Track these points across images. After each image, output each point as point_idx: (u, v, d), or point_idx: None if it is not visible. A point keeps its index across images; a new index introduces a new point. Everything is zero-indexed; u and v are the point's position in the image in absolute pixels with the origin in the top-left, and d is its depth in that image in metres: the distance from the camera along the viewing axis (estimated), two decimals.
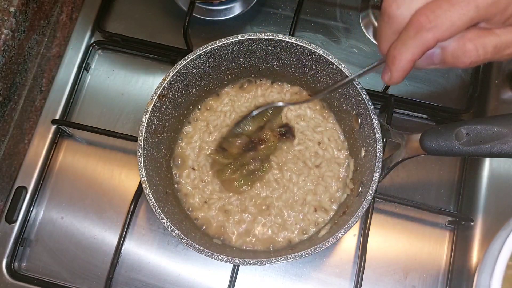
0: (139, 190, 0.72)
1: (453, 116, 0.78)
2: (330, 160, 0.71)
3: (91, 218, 0.76)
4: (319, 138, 0.72)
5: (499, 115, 0.54)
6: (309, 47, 0.64)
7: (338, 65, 0.63)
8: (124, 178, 0.78)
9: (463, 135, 0.54)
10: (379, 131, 0.61)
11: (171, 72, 0.64)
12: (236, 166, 0.69)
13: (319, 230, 0.67)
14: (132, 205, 0.72)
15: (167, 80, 0.64)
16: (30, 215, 0.75)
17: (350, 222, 0.58)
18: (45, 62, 0.81)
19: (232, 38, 0.64)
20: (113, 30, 0.83)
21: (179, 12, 0.84)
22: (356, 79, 0.61)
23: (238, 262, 0.58)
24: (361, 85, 0.62)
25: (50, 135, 0.79)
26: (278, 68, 0.71)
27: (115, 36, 0.83)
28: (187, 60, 0.64)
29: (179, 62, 0.64)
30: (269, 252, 0.67)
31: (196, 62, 0.66)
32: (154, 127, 0.65)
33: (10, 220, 0.74)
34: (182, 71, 0.65)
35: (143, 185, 0.60)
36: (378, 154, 0.60)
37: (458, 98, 0.80)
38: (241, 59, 0.69)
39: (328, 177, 0.70)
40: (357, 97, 0.63)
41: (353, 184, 0.68)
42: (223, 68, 0.70)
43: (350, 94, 0.65)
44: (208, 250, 0.58)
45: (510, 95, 0.78)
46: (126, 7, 0.86)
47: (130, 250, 0.74)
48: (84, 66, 0.82)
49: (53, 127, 0.79)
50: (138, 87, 0.82)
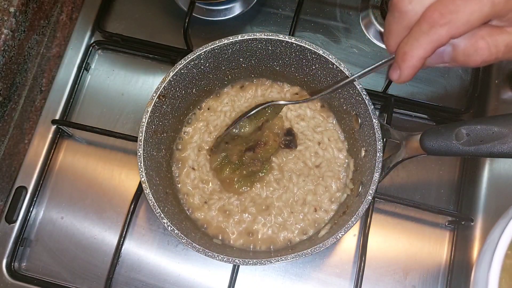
0: (139, 190, 0.72)
1: (453, 116, 0.78)
2: (330, 160, 0.71)
3: (91, 218, 0.76)
4: (319, 138, 0.72)
5: (499, 115, 0.54)
6: (309, 47, 0.64)
7: (338, 65, 0.63)
8: (124, 178, 0.78)
9: (463, 135, 0.54)
10: (379, 131, 0.61)
11: (171, 72, 0.64)
12: (236, 166, 0.69)
13: (319, 230, 0.67)
14: (132, 205, 0.72)
15: (167, 80, 0.64)
16: (30, 215, 0.75)
17: (350, 222, 0.58)
18: (45, 62, 0.81)
19: (232, 38, 0.64)
20: (113, 30, 0.83)
21: (179, 12, 0.84)
22: (357, 80, 0.61)
23: (238, 262, 0.58)
24: (361, 85, 0.62)
25: (50, 135, 0.79)
26: (278, 68, 0.71)
27: (115, 36, 0.83)
28: (187, 60, 0.64)
29: (179, 62, 0.64)
30: (269, 252, 0.67)
31: (196, 62, 0.66)
32: (154, 127, 0.65)
33: (10, 220, 0.74)
34: (182, 71, 0.65)
35: (143, 185, 0.60)
36: (378, 154, 0.60)
37: (458, 98, 0.80)
38: (241, 59, 0.69)
39: (328, 177, 0.70)
40: (357, 97, 0.63)
41: (353, 184, 0.68)
42: (223, 68, 0.70)
43: (350, 94, 0.65)
44: (208, 250, 0.58)
45: (510, 95, 0.78)
46: (126, 7, 0.86)
47: (130, 250, 0.74)
48: (84, 66, 0.82)
49: (53, 127, 0.79)
50: (138, 87, 0.82)
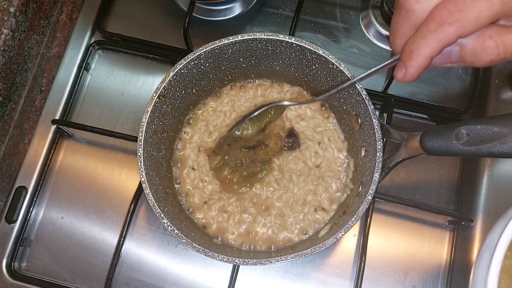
0: (139, 190, 0.72)
1: (453, 116, 0.78)
2: (330, 160, 0.71)
3: (91, 218, 0.76)
4: (319, 138, 0.72)
5: (499, 115, 0.54)
6: (309, 47, 0.64)
7: (338, 65, 0.63)
8: (124, 178, 0.78)
9: (463, 135, 0.54)
10: (379, 131, 0.61)
11: (171, 72, 0.64)
12: (236, 167, 0.69)
13: (319, 230, 0.67)
14: (132, 205, 0.72)
15: (167, 80, 0.64)
16: (30, 215, 0.75)
17: (350, 222, 0.58)
18: (45, 62, 0.81)
19: (232, 38, 0.64)
20: (113, 30, 0.83)
21: (179, 12, 0.84)
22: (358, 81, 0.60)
23: (238, 262, 0.58)
24: (361, 85, 0.62)
25: (50, 135, 0.79)
26: (278, 68, 0.71)
27: (115, 36, 0.83)
28: (187, 60, 0.64)
29: (179, 62, 0.64)
30: (269, 252, 0.67)
31: (196, 62, 0.66)
32: (154, 127, 0.65)
33: (10, 220, 0.74)
34: (182, 71, 0.65)
35: (143, 185, 0.60)
36: (378, 154, 0.60)
37: (458, 98, 0.80)
38: (241, 59, 0.69)
39: (328, 177, 0.70)
40: (357, 97, 0.63)
41: (353, 184, 0.68)
42: (223, 68, 0.70)
43: (350, 94, 0.65)
44: (208, 250, 0.58)
45: (510, 95, 0.78)
46: (126, 7, 0.86)
47: (130, 250, 0.74)
48: (84, 66, 0.82)
49: (53, 127, 0.79)
50: (138, 87, 0.82)
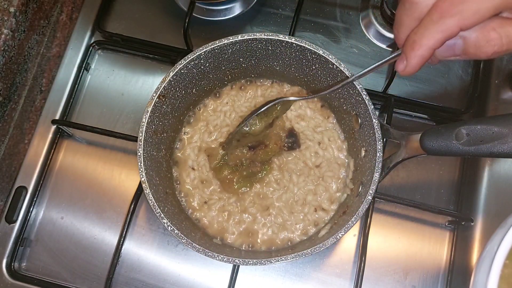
0: (139, 190, 0.72)
1: (453, 116, 0.78)
2: (330, 160, 0.71)
3: (91, 218, 0.76)
4: (319, 138, 0.72)
5: (499, 115, 0.54)
6: (309, 47, 0.64)
7: (338, 65, 0.63)
8: (124, 178, 0.78)
9: (463, 135, 0.54)
10: (379, 131, 0.61)
11: (171, 72, 0.64)
12: (236, 166, 0.69)
13: (319, 230, 0.67)
14: (132, 205, 0.72)
15: (167, 80, 0.64)
16: (30, 215, 0.75)
17: (350, 222, 0.58)
18: (45, 62, 0.81)
19: (232, 38, 0.64)
20: (113, 30, 0.83)
21: (179, 12, 0.84)
22: (356, 79, 0.61)
23: (238, 262, 0.58)
24: (361, 85, 0.62)
25: (50, 135, 0.79)
26: (278, 68, 0.71)
27: (115, 36, 0.83)
28: (187, 60, 0.64)
29: (179, 62, 0.64)
30: (269, 252, 0.67)
31: (196, 62, 0.66)
32: (154, 127, 0.65)
33: (10, 220, 0.74)
34: (182, 71, 0.65)
35: (143, 185, 0.60)
36: (378, 154, 0.60)
37: (458, 98, 0.80)
38: (241, 59, 0.69)
39: (328, 177, 0.70)
40: (357, 97, 0.63)
41: (353, 184, 0.68)
42: (223, 68, 0.70)
43: (350, 94, 0.65)
44: (208, 250, 0.58)
45: (510, 95, 0.78)
46: (126, 7, 0.86)
47: (130, 250, 0.74)
48: (84, 66, 0.82)
49: (53, 127, 0.79)
50: (138, 87, 0.82)
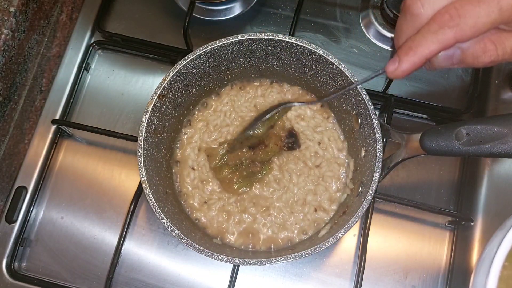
0: (139, 190, 0.72)
1: (453, 116, 0.78)
2: (330, 160, 0.71)
3: (91, 218, 0.76)
4: (319, 138, 0.72)
5: (499, 115, 0.54)
6: (309, 47, 0.64)
7: (338, 65, 0.63)
8: (124, 178, 0.78)
9: (463, 135, 0.54)
10: (379, 131, 0.61)
11: (171, 72, 0.64)
12: (236, 166, 0.69)
13: (319, 230, 0.67)
14: (132, 205, 0.72)
15: (167, 80, 0.64)
16: (30, 215, 0.75)
17: (350, 222, 0.58)
18: (45, 62, 0.81)
19: (232, 38, 0.64)
20: (113, 30, 0.83)
21: (179, 12, 0.84)
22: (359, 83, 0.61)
23: (238, 262, 0.58)
24: (361, 85, 0.62)
25: (50, 135, 0.79)
26: (278, 68, 0.71)
27: (115, 36, 0.83)
28: (187, 60, 0.64)
29: (179, 62, 0.64)
30: (269, 252, 0.67)
31: (196, 62, 0.66)
32: (154, 127, 0.65)
33: (10, 220, 0.74)
34: (182, 71, 0.65)
35: (143, 185, 0.60)
36: (378, 154, 0.60)
37: (458, 98, 0.80)
38: (241, 59, 0.69)
39: (328, 177, 0.70)
40: (357, 97, 0.63)
41: (353, 184, 0.68)
42: (223, 68, 0.70)
43: (350, 94, 0.65)
44: (208, 250, 0.58)
45: (510, 95, 0.78)
46: (126, 7, 0.86)
47: (130, 250, 0.74)
48: (84, 66, 0.82)
49: (53, 127, 0.79)
50: (138, 87, 0.82)
